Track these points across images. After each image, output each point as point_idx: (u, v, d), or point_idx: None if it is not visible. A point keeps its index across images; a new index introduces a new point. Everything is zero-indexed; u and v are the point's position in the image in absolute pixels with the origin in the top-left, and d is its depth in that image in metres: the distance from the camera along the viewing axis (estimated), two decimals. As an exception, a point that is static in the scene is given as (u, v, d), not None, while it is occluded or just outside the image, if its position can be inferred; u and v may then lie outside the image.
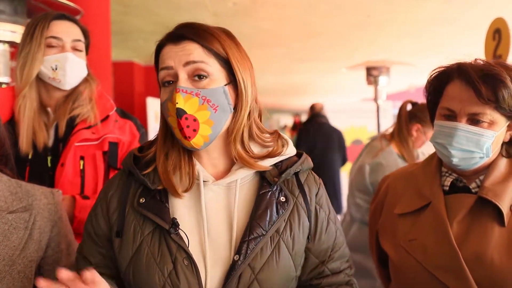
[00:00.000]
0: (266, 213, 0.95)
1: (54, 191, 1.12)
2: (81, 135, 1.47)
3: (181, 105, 0.90)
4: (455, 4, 4.42)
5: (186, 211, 0.96)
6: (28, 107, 1.46)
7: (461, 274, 1.12)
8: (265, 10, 4.60)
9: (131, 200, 0.97)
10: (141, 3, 4.37)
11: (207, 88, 0.92)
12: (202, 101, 0.91)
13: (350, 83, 10.39)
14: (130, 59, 7.22)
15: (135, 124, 1.64)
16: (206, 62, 0.92)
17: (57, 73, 1.47)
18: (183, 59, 0.92)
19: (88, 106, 1.51)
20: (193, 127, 0.91)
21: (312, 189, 1.04)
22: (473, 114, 1.14)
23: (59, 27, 1.49)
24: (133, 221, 0.95)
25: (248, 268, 0.91)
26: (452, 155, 1.17)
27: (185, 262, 0.90)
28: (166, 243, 0.92)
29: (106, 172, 1.53)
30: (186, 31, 0.94)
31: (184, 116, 0.90)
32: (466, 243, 1.15)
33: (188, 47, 0.93)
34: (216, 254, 0.93)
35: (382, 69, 3.92)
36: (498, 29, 2.27)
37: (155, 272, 0.90)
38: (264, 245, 0.93)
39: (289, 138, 1.07)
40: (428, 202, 1.23)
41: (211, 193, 0.97)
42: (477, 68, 1.15)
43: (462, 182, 1.23)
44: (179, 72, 0.92)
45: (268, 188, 0.98)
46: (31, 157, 1.45)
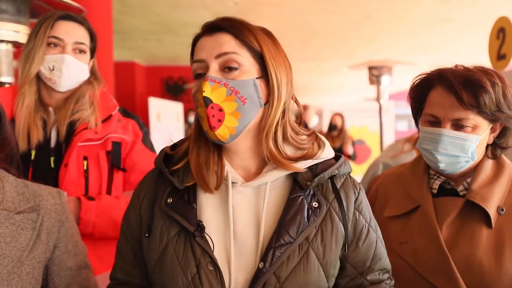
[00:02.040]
0: (296, 219, 0.90)
1: (61, 191, 1.11)
2: (84, 135, 1.46)
3: (207, 93, 0.87)
4: (454, 3, 4.42)
5: (213, 213, 0.93)
6: (25, 104, 1.45)
7: (451, 277, 1.14)
8: (265, 10, 4.60)
9: (159, 200, 0.95)
10: (141, 3, 4.37)
11: (237, 79, 0.89)
12: (230, 91, 0.88)
13: (351, 83, 10.39)
14: (130, 59, 7.22)
15: (137, 123, 1.63)
16: (238, 53, 0.90)
17: (53, 74, 1.46)
18: (215, 51, 0.90)
19: (89, 110, 1.50)
20: (218, 117, 0.88)
21: (350, 195, 0.97)
22: (457, 120, 1.18)
23: (62, 28, 1.48)
24: (160, 221, 0.93)
25: (273, 276, 0.87)
26: (439, 160, 1.20)
27: (209, 266, 0.87)
28: (191, 246, 0.89)
29: (110, 172, 1.52)
30: (222, 22, 0.92)
31: (210, 105, 0.87)
32: (456, 246, 1.17)
33: (221, 38, 0.91)
34: (242, 260, 0.90)
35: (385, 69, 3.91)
36: (502, 28, 2.27)
37: (179, 275, 0.88)
38: (292, 253, 0.88)
39: (326, 140, 1.02)
40: (417, 205, 1.25)
41: (239, 195, 0.94)
42: (458, 74, 1.18)
43: (450, 185, 1.26)
44: (210, 64, 0.90)
45: (300, 193, 0.93)
46: (34, 158, 1.44)
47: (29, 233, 1.00)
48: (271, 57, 0.92)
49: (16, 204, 1.00)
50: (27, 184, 1.06)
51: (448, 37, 5.97)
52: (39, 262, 1.01)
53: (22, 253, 0.97)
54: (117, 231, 1.47)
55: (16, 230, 0.98)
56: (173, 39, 5.93)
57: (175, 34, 5.64)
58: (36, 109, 1.48)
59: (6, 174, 1.04)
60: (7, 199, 0.99)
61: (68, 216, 1.09)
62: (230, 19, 0.94)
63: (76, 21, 1.52)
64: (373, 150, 6.14)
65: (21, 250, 0.97)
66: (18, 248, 0.97)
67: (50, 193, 1.08)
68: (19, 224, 0.98)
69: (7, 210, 0.98)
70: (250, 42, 0.91)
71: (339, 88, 11.70)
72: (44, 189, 1.08)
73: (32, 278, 0.98)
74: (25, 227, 0.99)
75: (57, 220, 1.06)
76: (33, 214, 1.01)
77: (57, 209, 1.07)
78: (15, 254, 0.96)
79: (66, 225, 1.08)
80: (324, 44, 6.22)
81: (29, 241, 0.99)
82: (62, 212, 1.08)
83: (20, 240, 0.97)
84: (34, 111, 1.47)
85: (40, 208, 1.03)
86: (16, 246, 0.96)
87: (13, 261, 0.95)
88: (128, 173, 1.57)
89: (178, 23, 5.15)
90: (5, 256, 0.95)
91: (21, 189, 1.03)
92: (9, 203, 0.99)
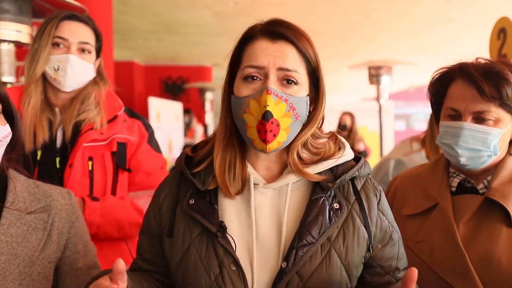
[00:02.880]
0: (318, 220, 0.91)
1: (71, 192, 1.12)
2: (89, 136, 1.46)
3: (271, 108, 0.87)
4: (454, 3, 4.43)
5: (235, 214, 0.94)
6: (31, 105, 1.46)
7: (468, 276, 1.12)
8: (265, 10, 4.60)
9: (181, 201, 0.96)
10: (141, 3, 4.36)
11: (295, 96, 0.90)
12: (289, 108, 0.89)
13: (351, 83, 10.39)
14: (130, 58, 7.21)
15: (143, 124, 1.63)
16: (299, 72, 0.90)
17: (58, 74, 1.46)
18: (278, 62, 0.89)
19: (94, 111, 1.50)
20: (274, 132, 0.88)
21: (371, 197, 0.98)
22: (478, 113, 1.14)
23: (67, 28, 1.48)
24: (183, 222, 0.94)
25: (296, 276, 0.88)
26: (460, 154, 1.17)
27: (231, 267, 0.88)
28: (214, 247, 0.90)
29: (115, 173, 1.52)
30: (286, 31, 0.90)
31: (271, 120, 0.87)
32: (473, 245, 1.15)
33: (285, 49, 0.90)
34: (264, 260, 0.91)
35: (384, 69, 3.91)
36: (503, 28, 2.27)
37: (202, 276, 0.89)
38: (314, 253, 0.89)
39: (346, 141, 1.03)
40: (436, 203, 1.23)
41: (261, 196, 0.94)
42: (479, 66, 1.16)
43: (469, 183, 1.23)
44: (270, 73, 0.89)
45: (321, 194, 0.94)
46: (40, 158, 1.44)
47: (40, 233, 1.00)
48: (323, 72, 0.94)
49: (27, 204, 1.00)
50: (38, 185, 1.07)
51: (448, 37, 5.98)
52: (50, 262, 1.01)
53: (34, 253, 0.97)
54: (121, 232, 1.49)
55: (28, 230, 0.98)
56: (173, 39, 5.92)
57: (175, 34, 5.64)
58: (42, 109, 1.48)
59: (18, 174, 1.05)
60: (18, 199, 1.00)
61: (78, 217, 1.10)
62: (291, 26, 0.92)
63: (81, 21, 1.52)
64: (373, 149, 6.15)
65: (32, 250, 0.97)
66: (29, 248, 0.97)
67: (60, 194, 1.08)
68: (30, 224, 0.99)
69: (19, 210, 0.98)
70: (310, 58, 0.92)
71: (339, 88, 11.71)
72: (54, 190, 1.09)
73: (43, 278, 0.99)
74: (36, 227, 1.00)
75: (67, 220, 1.06)
76: (44, 214, 1.02)
77: (67, 209, 1.07)
78: (27, 254, 0.96)
79: (76, 225, 1.09)
80: (324, 44, 6.22)
81: (40, 241, 0.99)
82: (72, 213, 1.08)
83: (31, 240, 0.98)
84: (40, 112, 1.47)
85: (50, 209, 1.04)
86: (27, 246, 0.97)
87: (24, 261, 0.95)
88: (133, 174, 1.57)
89: (178, 23, 5.15)
90: (16, 256, 0.95)
91: (32, 189, 1.04)
92: (20, 203, 0.99)
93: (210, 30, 5.44)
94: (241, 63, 0.93)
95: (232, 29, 5.34)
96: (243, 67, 0.92)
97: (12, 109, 1.02)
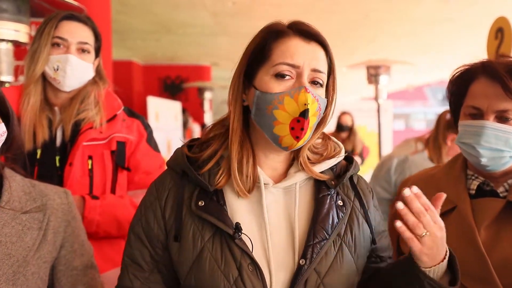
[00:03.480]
0: (329, 216, 0.94)
1: (68, 191, 1.11)
2: (89, 135, 1.47)
3: (310, 106, 0.89)
4: (454, 3, 4.43)
5: (246, 214, 0.93)
6: (31, 104, 1.46)
7: (490, 282, 1.07)
8: (264, 10, 4.60)
9: (187, 203, 0.93)
10: (139, 2, 4.36)
11: (322, 97, 0.93)
12: (318, 108, 0.92)
13: (350, 82, 10.40)
14: (128, 58, 7.21)
15: (142, 123, 1.63)
16: (325, 73, 0.94)
17: (57, 74, 1.47)
18: (312, 63, 0.91)
19: (94, 110, 1.50)
20: (306, 129, 0.91)
21: (366, 192, 1.03)
22: (501, 111, 1.10)
23: (66, 28, 1.49)
24: (192, 225, 0.92)
25: (314, 272, 0.90)
26: (481, 154, 1.12)
27: (250, 268, 0.88)
28: (229, 249, 0.89)
29: (114, 172, 1.53)
30: (319, 35, 0.94)
31: (309, 118, 0.90)
32: (495, 250, 1.10)
33: (318, 52, 0.93)
34: (279, 258, 0.92)
35: (383, 68, 3.92)
36: (501, 28, 2.27)
37: (220, 280, 0.88)
38: (328, 249, 0.92)
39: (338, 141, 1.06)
40: (453, 206, 1.18)
41: (271, 196, 0.95)
42: (503, 63, 1.11)
43: (489, 186, 1.18)
44: (304, 73, 0.91)
45: (327, 192, 0.97)
46: (40, 157, 1.45)
47: (35, 232, 0.99)
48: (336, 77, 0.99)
49: (22, 203, 1.00)
50: (34, 184, 1.06)
51: (448, 37, 5.98)
52: (45, 262, 1.01)
53: (28, 253, 0.97)
54: (120, 230, 1.49)
55: (22, 230, 0.97)
56: (172, 38, 5.93)
57: (173, 33, 5.64)
58: (42, 108, 1.49)
59: (14, 173, 1.04)
60: (13, 198, 0.99)
61: (74, 216, 1.09)
62: (317, 32, 0.95)
63: (80, 21, 1.52)
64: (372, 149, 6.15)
65: (27, 250, 0.97)
66: (24, 248, 0.96)
67: (56, 193, 1.08)
68: (25, 224, 0.98)
69: (14, 210, 0.98)
70: (331, 63, 0.96)
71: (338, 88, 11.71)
72: (51, 189, 1.08)
73: (37, 278, 0.98)
74: (31, 227, 0.99)
75: (63, 219, 1.06)
76: (39, 213, 1.01)
77: (64, 208, 1.07)
78: (21, 254, 0.96)
79: (72, 224, 1.08)
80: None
81: (35, 241, 0.99)
82: (69, 212, 1.08)
83: (26, 240, 0.97)
84: (40, 111, 1.48)
85: (46, 208, 1.03)
86: (22, 246, 0.96)
87: (18, 261, 0.95)
88: (132, 173, 1.58)
89: (177, 23, 5.15)
90: (10, 256, 0.94)
91: (28, 188, 1.03)
92: (15, 202, 0.99)
93: (208, 30, 5.45)
94: (270, 59, 0.92)
95: (231, 29, 5.34)
96: (275, 64, 0.91)
97: (8, 109, 1.02)
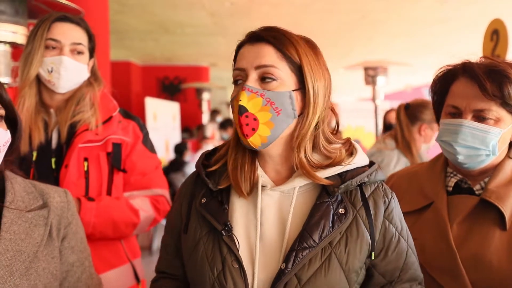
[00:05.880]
0: (320, 224, 0.92)
1: (67, 191, 1.15)
2: (84, 136, 1.47)
3: (243, 102, 0.92)
4: (450, 3, 4.44)
5: (243, 214, 0.98)
6: (26, 107, 1.47)
7: (458, 276, 1.12)
8: (261, 10, 4.61)
9: (196, 200, 1.02)
10: (137, 2, 4.36)
11: (273, 90, 0.93)
12: (266, 102, 0.92)
13: (347, 83, 10.41)
14: (126, 58, 7.21)
15: (138, 125, 1.64)
16: (276, 67, 0.93)
17: (52, 76, 1.47)
18: (255, 62, 0.93)
19: (89, 112, 1.51)
20: (252, 126, 0.92)
21: (379, 203, 0.97)
22: (479, 111, 1.14)
23: (59, 29, 1.49)
24: (195, 219, 1.00)
25: (294, 277, 0.90)
26: (457, 152, 1.16)
27: (234, 264, 0.92)
28: (219, 245, 0.95)
29: (110, 173, 1.53)
30: (265, 33, 0.95)
31: (245, 114, 0.92)
32: (465, 245, 1.14)
33: (263, 49, 0.94)
34: (266, 260, 0.94)
35: (380, 69, 3.93)
36: (496, 30, 2.29)
37: (207, 271, 0.94)
38: (314, 257, 0.91)
39: (360, 148, 1.03)
40: (431, 202, 1.23)
41: (268, 198, 0.97)
42: (482, 65, 1.15)
43: (466, 184, 1.23)
44: (249, 73, 0.94)
45: (327, 199, 0.95)
46: (35, 159, 1.45)
47: (42, 229, 1.03)
48: (310, 70, 0.95)
49: (26, 203, 1.04)
50: (34, 184, 1.10)
51: (444, 38, 6.00)
52: (54, 257, 1.04)
53: (38, 249, 1.00)
54: (117, 232, 1.50)
55: (29, 227, 1.01)
56: (170, 39, 5.93)
57: (171, 34, 5.64)
58: (37, 110, 1.50)
59: (14, 175, 1.08)
60: (17, 198, 1.03)
61: (73, 214, 1.13)
62: (274, 29, 0.96)
63: (73, 22, 1.52)
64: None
65: (36, 245, 1.00)
66: (33, 244, 1.00)
67: (56, 192, 1.11)
68: (31, 221, 1.02)
69: (19, 209, 1.01)
70: (291, 55, 0.94)
71: (336, 88, 11.72)
72: (51, 188, 1.12)
73: (48, 273, 1.01)
74: (38, 224, 1.03)
75: (63, 217, 1.09)
76: (43, 210, 1.05)
77: (63, 206, 1.10)
78: (31, 250, 0.99)
79: (73, 222, 1.12)
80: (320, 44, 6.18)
81: (42, 237, 1.02)
82: (68, 210, 1.11)
83: (34, 236, 1.01)
84: (35, 113, 1.48)
85: (48, 206, 1.07)
86: (31, 242, 1.00)
87: (29, 257, 0.98)
88: (128, 174, 1.58)
89: (175, 23, 5.15)
90: (21, 252, 0.98)
91: (30, 188, 1.07)
92: (19, 202, 1.02)
93: (206, 30, 5.45)
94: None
95: (229, 29, 5.35)
96: (232, 72, 0.98)
97: (16, 115, 1.06)
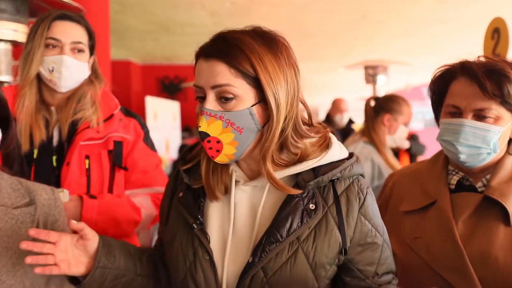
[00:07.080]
0: (287, 219, 0.92)
1: (54, 188, 1.15)
2: (86, 134, 1.47)
3: (203, 128, 0.90)
4: (450, 3, 4.44)
5: (218, 208, 1.00)
6: (26, 106, 1.46)
7: (465, 273, 1.12)
8: (262, 10, 4.61)
9: (176, 193, 1.06)
10: (137, 2, 4.36)
11: (233, 110, 0.89)
12: (226, 124, 0.90)
13: (348, 82, 10.42)
14: (126, 58, 7.21)
15: (139, 123, 1.64)
16: (232, 85, 0.88)
17: (53, 75, 1.46)
18: (210, 81, 0.89)
19: (91, 110, 1.51)
20: (217, 148, 0.92)
21: (352, 200, 0.96)
22: (479, 110, 1.15)
23: (59, 28, 1.48)
24: (175, 212, 1.04)
25: (261, 271, 0.92)
26: (459, 151, 1.17)
27: (204, 256, 0.96)
28: (192, 237, 0.98)
29: (112, 171, 1.53)
30: (215, 48, 0.90)
31: (207, 139, 0.91)
32: (471, 242, 1.15)
33: (215, 67, 0.89)
34: (236, 253, 0.96)
35: (380, 68, 3.94)
36: (497, 28, 2.29)
37: (180, 262, 0.98)
38: (281, 251, 0.92)
39: (336, 141, 1.00)
40: (434, 201, 1.24)
41: (242, 193, 0.99)
42: (481, 64, 1.16)
43: (468, 181, 1.23)
44: (207, 93, 0.91)
45: (298, 194, 0.94)
46: (36, 157, 1.45)
47: (29, 226, 1.03)
48: (268, 80, 0.89)
49: (12, 200, 1.03)
50: (20, 181, 1.09)
51: (445, 37, 6.00)
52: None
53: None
54: (118, 229, 1.50)
55: (16, 224, 1.01)
56: (170, 38, 5.93)
57: (172, 33, 5.64)
58: (38, 108, 1.49)
59: (1, 172, 1.08)
60: (3, 195, 1.02)
61: (60, 211, 1.13)
62: (224, 41, 0.91)
63: (73, 20, 1.51)
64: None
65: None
66: (20, 241, 0.99)
67: (43, 189, 1.11)
68: (18, 218, 1.02)
69: (5, 206, 1.01)
70: (245, 70, 0.89)
71: (336, 88, 11.74)
72: (37, 186, 1.11)
73: None
74: (24, 221, 1.03)
75: (49, 214, 1.09)
76: (31, 208, 1.05)
77: (50, 204, 1.10)
78: (18, 247, 0.98)
79: (59, 219, 1.11)
80: (320, 44, 6.24)
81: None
82: (55, 207, 1.11)
83: (21, 233, 1.01)
84: (36, 111, 1.48)
85: (35, 203, 1.07)
86: (17, 239, 1.00)
87: (16, 253, 0.98)
88: (129, 172, 1.58)
89: (175, 23, 5.15)
90: (8, 249, 0.98)
91: (16, 186, 1.07)
92: (6, 199, 1.02)
93: (207, 30, 5.41)
94: None
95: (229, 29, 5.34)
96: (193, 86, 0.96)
97: (7, 112, 1.05)
